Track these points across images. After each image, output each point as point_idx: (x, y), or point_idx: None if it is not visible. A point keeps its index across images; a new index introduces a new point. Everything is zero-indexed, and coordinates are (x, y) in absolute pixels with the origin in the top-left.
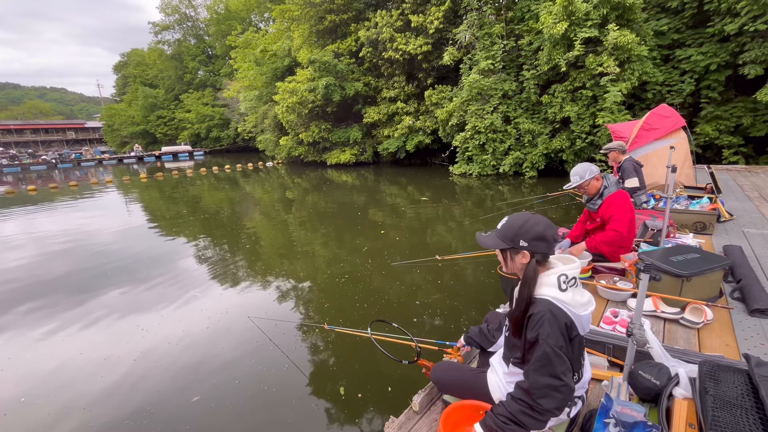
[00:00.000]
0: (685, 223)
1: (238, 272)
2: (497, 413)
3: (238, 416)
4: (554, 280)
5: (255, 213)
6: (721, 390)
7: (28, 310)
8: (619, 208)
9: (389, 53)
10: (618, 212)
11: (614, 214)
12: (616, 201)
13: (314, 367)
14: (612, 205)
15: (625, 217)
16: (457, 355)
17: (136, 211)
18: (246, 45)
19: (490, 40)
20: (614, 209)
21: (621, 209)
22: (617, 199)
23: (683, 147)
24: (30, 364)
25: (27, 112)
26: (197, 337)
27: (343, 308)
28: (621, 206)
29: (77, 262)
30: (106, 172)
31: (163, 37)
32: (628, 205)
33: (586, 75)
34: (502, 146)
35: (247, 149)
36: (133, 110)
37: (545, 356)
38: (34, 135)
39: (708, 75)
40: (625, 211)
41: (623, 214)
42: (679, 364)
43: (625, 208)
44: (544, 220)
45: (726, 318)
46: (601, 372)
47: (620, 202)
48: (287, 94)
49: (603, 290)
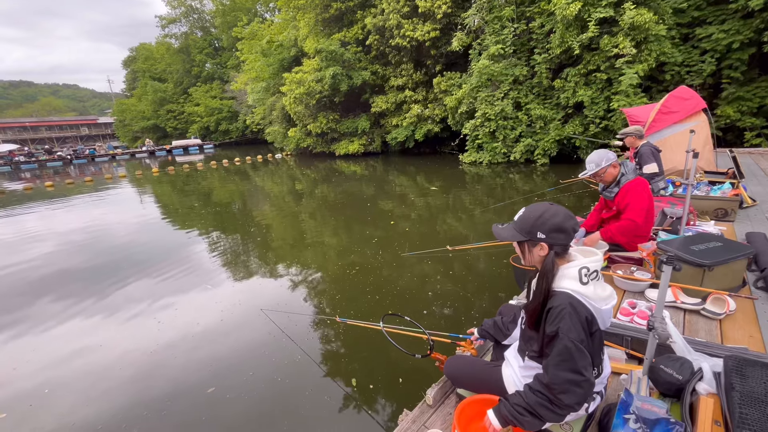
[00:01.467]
0: (706, 210)
1: (250, 264)
2: (513, 403)
3: (252, 407)
4: (575, 273)
5: (265, 205)
6: (748, 386)
7: (51, 302)
8: (636, 196)
9: (396, 40)
10: (634, 200)
11: (630, 203)
12: (634, 189)
13: (326, 358)
14: (629, 193)
15: (641, 205)
16: (470, 348)
17: (149, 205)
18: (252, 36)
19: (500, 23)
20: (631, 197)
21: (638, 197)
22: (635, 186)
23: (704, 130)
24: (52, 356)
25: (41, 109)
26: (211, 330)
27: (355, 300)
28: (638, 194)
29: (95, 255)
30: (119, 167)
31: (170, 31)
32: (645, 193)
33: (600, 57)
34: (512, 133)
35: (255, 141)
36: (143, 105)
37: (566, 351)
38: (48, 132)
39: (730, 54)
40: (642, 200)
41: (639, 203)
42: (702, 358)
43: (643, 196)
44: (563, 210)
45: (750, 308)
46: (619, 365)
47: (638, 189)
48: (294, 84)
49: (620, 281)
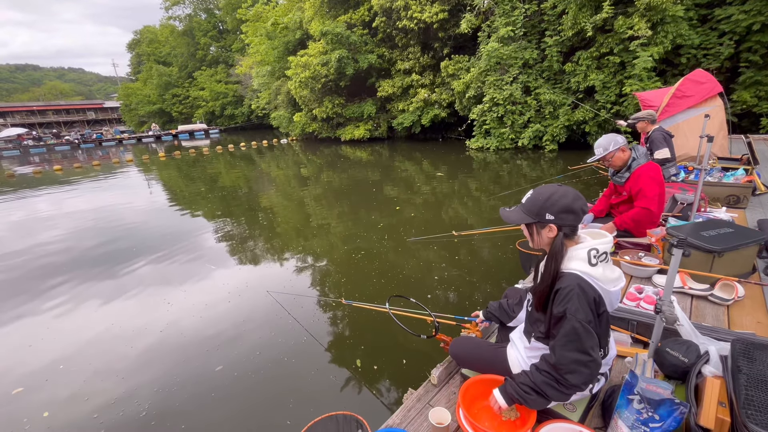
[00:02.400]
0: (718, 197)
1: (256, 248)
2: (520, 382)
3: (259, 385)
4: (584, 254)
5: (271, 190)
6: (755, 368)
7: (63, 284)
8: (648, 181)
9: (404, 22)
10: (647, 187)
11: (643, 189)
12: (645, 174)
13: (332, 340)
14: (641, 178)
15: (654, 192)
16: (475, 330)
17: (157, 189)
18: (257, 18)
19: (510, 4)
20: (642, 183)
21: (650, 183)
22: (646, 171)
23: (719, 115)
24: (66, 335)
25: (47, 93)
26: (219, 311)
27: (360, 283)
28: (650, 180)
29: (106, 238)
30: (126, 151)
31: (174, 13)
32: (657, 179)
33: (614, 40)
34: (521, 119)
35: (261, 126)
36: (149, 89)
37: (573, 331)
38: (56, 116)
39: (750, 36)
40: (654, 186)
41: (652, 189)
42: (709, 341)
43: (655, 182)
44: (571, 191)
45: (759, 295)
46: (624, 348)
47: (650, 175)
48: (300, 68)
49: (627, 266)
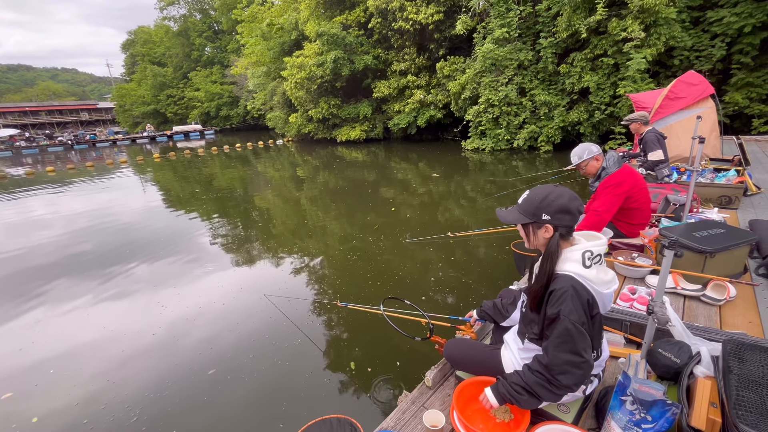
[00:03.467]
0: (710, 197)
1: (251, 249)
2: (512, 381)
3: (252, 388)
4: (579, 256)
5: (267, 191)
6: (746, 369)
7: (55, 286)
8: (602, 188)
9: (399, 23)
10: (600, 192)
11: (598, 193)
12: (607, 183)
13: (327, 342)
14: (602, 186)
15: (608, 198)
16: (470, 331)
17: (151, 190)
18: (252, 19)
19: (505, 6)
20: (600, 188)
21: (604, 190)
22: (610, 180)
23: (710, 117)
24: (57, 338)
25: (41, 93)
26: (213, 313)
27: (356, 285)
28: (605, 187)
29: (99, 239)
30: (120, 152)
31: (168, 13)
32: (619, 188)
33: (608, 41)
34: (516, 120)
35: (256, 127)
36: (143, 90)
37: (567, 333)
38: (49, 116)
39: (741, 38)
40: (610, 193)
41: (606, 195)
42: (701, 342)
43: (609, 188)
44: (567, 191)
45: (750, 295)
46: (617, 349)
47: (613, 183)
48: (295, 69)
49: (621, 267)
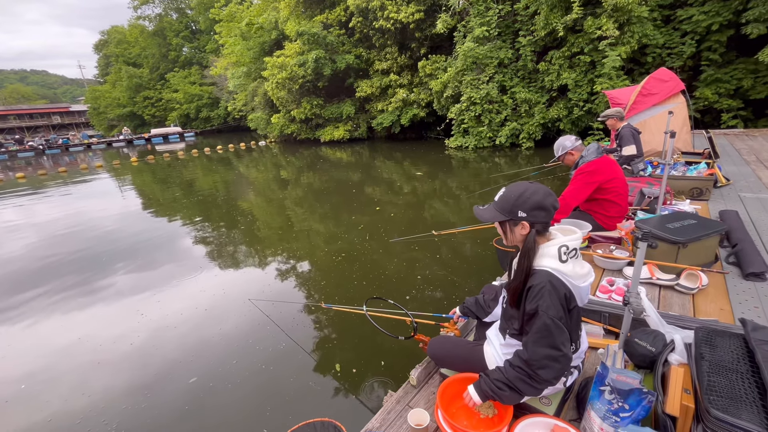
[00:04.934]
0: (682, 190)
1: (235, 253)
2: (493, 378)
3: (235, 395)
4: (555, 251)
5: (250, 193)
6: (717, 355)
7: (28, 295)
8: (578, 177)
9: (380, 22)
10: (573, 181)
11: (571, 181)
12: (580, 171)
13: (312, 344)
14: (577, 173)
15: (575, 185)
16: (453, 329)
17: (129, 195)
18: (231, 18)
19: (484, 5)
20: (573, 176)
21: (575, 177)
22: (582, 169)
23: (682, 112)
24: (30, 351)
25: (9, 96)
26: (195, 319)
27: (341, 286)
28: (581, 177)
29: (73, 247)
30: (95, 156)
31: (143, 12)
32: (590, 177)
33: (584, 39)
34: (498, 117)
35: (238, 129)
36: (118, 91)
37: (545, 327)
38: (18, 121)
39: (709, 36)
40: (576, 179)
41: (574, 183)
42: (674, 330)
43: (579, 175)
44: (542, 188)
45: (721, 283)
46: (596, 340)
47: (584, 172)
48: (276, 69)
49: (599, 259)
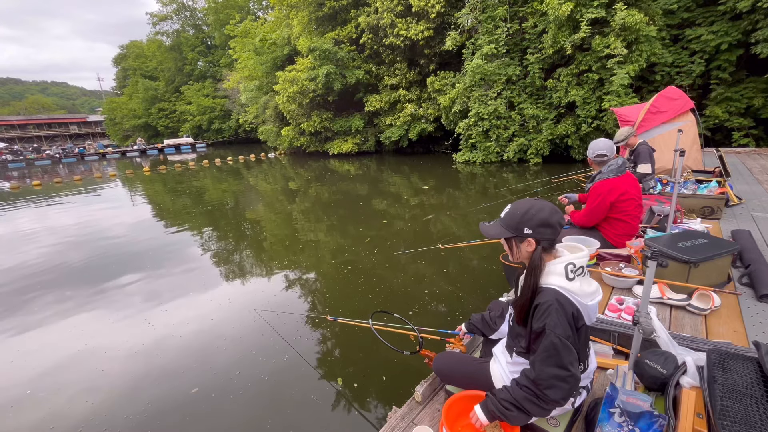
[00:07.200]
0: (693, 208)
1: (242, 263)
2: (500, 398)
3: (237, 407)
4: (561, 269)
5: (258, 204)
6: (730, 379)
7: (37, 303)
8: (592, 198)
9: (390, 39)
10: (589, 201)
11: (588, 199)
12: (594, 191)
13: (316, 357)
14: (591, 191)
15: (590, 206)
16: (459, 345)
17: (141, 204)
18: (245, 34)
19: (493, 23)
20: (589, 194)
21: (590, 195)
22: (596, 189)
23: (691, 130)
24: (36, 357)
25: (29, 107)
26: (200, 329)
27: (347, 298)
28: (593, 197)
29: (84, 254)
30: (109, 166)
31: (161, 28)
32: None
33: (592, 57)
34: (506, 133)
35: (249, 140)
36: (134, 103)
37: (552, 347)
38: (37, 130)
39: (718, 55)
40: (591, 200)
41: (589, 203)
42: (686, 352)
43: (591, 198)
44: (548, 205)
45: (734, 304)
46: (606, 360)
47: (596, 193)
48: (287, 83)
49: (608, 277)
